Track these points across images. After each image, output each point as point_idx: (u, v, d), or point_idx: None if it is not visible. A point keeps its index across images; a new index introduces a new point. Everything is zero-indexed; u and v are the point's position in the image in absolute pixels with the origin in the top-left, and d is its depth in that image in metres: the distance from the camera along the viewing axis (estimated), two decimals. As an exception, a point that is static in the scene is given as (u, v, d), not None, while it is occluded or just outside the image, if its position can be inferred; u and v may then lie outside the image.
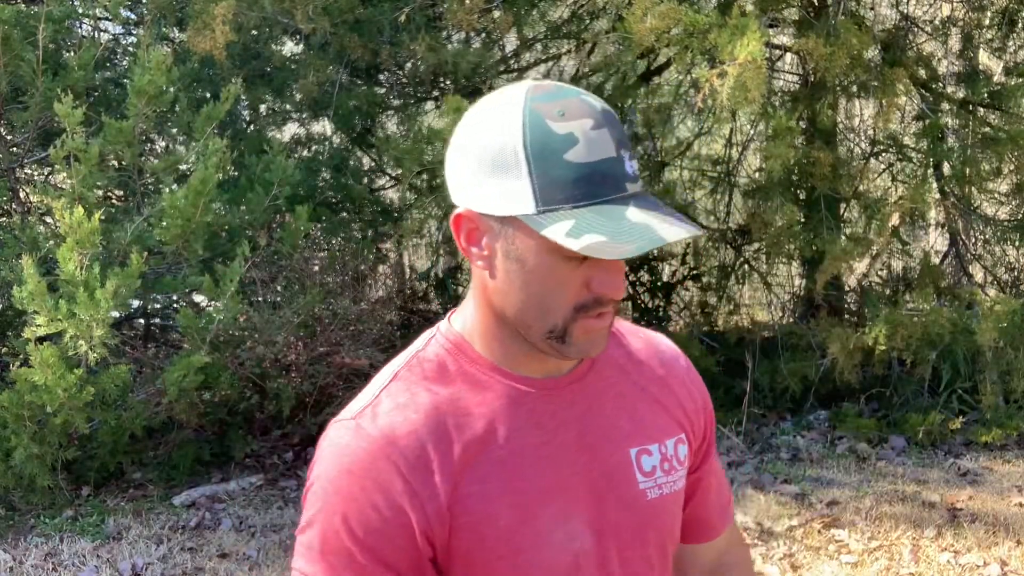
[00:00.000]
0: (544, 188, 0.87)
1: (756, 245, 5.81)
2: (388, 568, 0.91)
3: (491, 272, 0.94)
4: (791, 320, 6.01)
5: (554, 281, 0.91)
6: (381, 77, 5.97)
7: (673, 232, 0.86)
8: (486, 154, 0.90)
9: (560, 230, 0.86)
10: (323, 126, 6.03)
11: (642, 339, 1.12)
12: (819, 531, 3.64)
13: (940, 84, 5.47)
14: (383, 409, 0.96)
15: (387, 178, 6.28)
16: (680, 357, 1.14)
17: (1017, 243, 5.46)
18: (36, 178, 5.09)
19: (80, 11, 5.10)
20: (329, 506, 0.92)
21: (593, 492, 0.99)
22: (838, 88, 5.09)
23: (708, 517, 1.16)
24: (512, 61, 6.12)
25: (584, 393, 1.02)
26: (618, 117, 0.92)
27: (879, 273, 5.93)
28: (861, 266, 5.62)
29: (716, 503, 1.17)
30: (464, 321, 1.01)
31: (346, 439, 0.95)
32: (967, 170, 4.93)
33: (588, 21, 6.10)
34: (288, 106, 5.66)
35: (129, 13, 5.81)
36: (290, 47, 5.85)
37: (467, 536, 0.93)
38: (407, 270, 6.98)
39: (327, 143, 5.94)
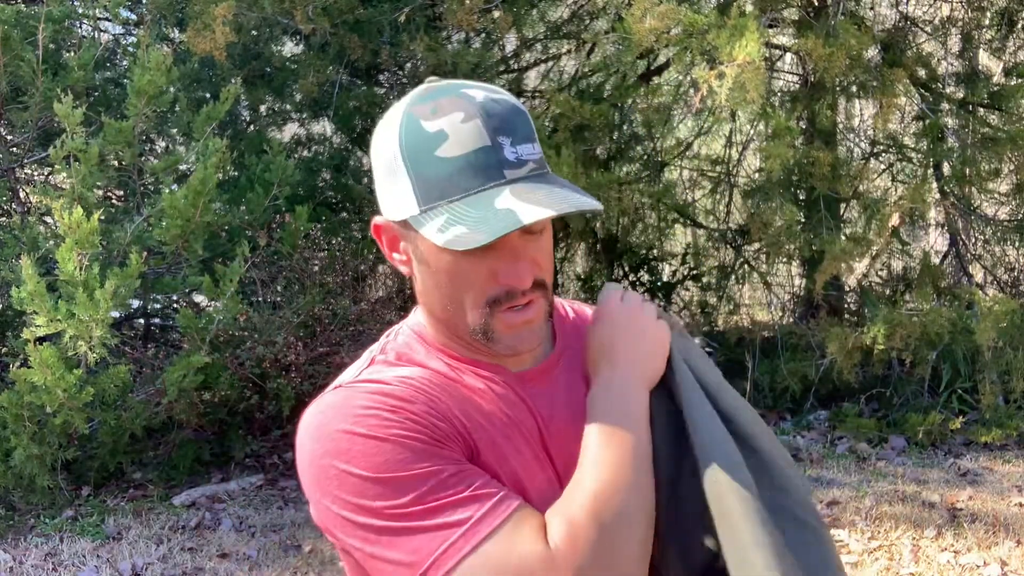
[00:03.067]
0: (422, 188, 0.89)
1: (756, 245, 5.81)
2: (452, 452, 0.90)
3: (412, 276, 0.97)
4: (791, 320, 6.01)
5: (460, 278, 0.91)
6: (381, 77, 5.97)
7: (534, 213, 0.84)
8: (380, 162, 0.93)
9: (434, 227, 0.87)
10: (323, 126, 6.03)
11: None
12: (819, 531, 3.64)
13: (940, 84, 5.47)
14: (375, 374, 0.95)
15: (387, 178, 6.27)
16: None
17: (1017, 243, 5.47)
18: (36, 178, 5.09)
19: (80, 11, 5.10)
20: (367, 443, 0.87)
21: (560, 485, 0.97)
22: (838, 88, 5.09)
23: None
24: (512, 61, 6.12)
25: (550, 385, 1.01)
26: (514, 105, 0.92)
27: (879, 273, 5.93)
28: (861, 266, 5.63)
29: None
30: (422, 322, 1.02)
31: (347, 394, 0.92)
32: (967, 170, 4.93)
33: (588, 21, 6.10)
34: (288, 106, 5.67)
35: (129, 13, 5.82)
36: (290, 47, 5.85)
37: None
38: (407, 270, 6.97)
39: (327, 143, 5.95)
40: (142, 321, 5.34)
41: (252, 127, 5.67)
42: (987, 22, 5.59)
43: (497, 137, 0.88)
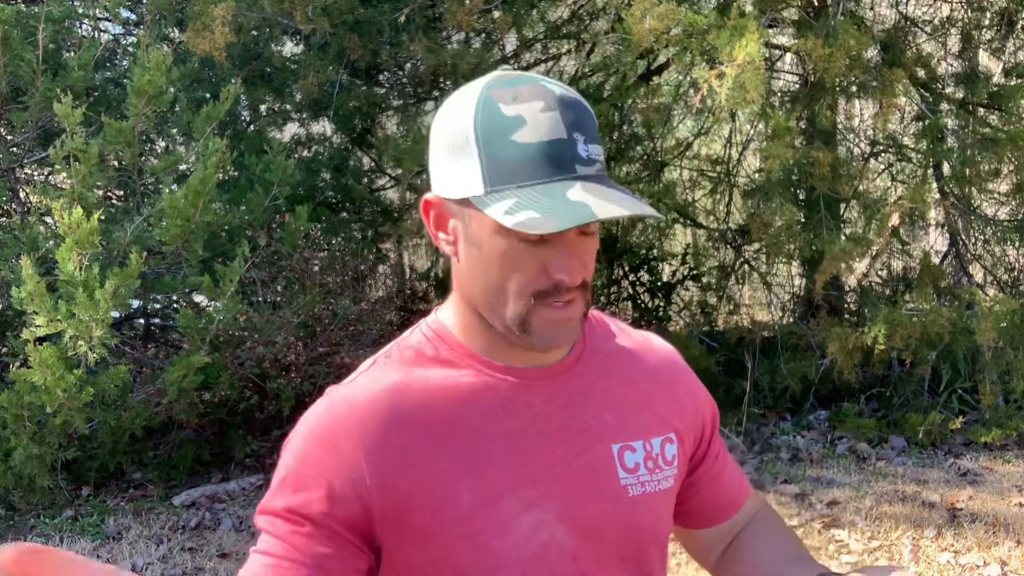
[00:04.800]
0: (492, 169, 0.88)
1: (756, 245, 5.81)
2: (330, 532, 0.93)
3: (457, 257, 0.96)
4: (791, 320, 6.01)
5: (510, 265, 0.91)
6: (381, 77, 5.97)
7: (608, 210, 0.85)
8: (445, 139, 0.92)
9: (501, 208, 0.87)
10: (323, 126, 6.03)
11: (636, 338, 1.12)
12: (819, 531, 3.65)
13: (939, 84, 5.46)
14: (355, 384, 0.99)
15: (387, 178, 6.29)
16: (676, 359, 1.13)
17: (1017, 243, 5.46)
18: (36, 178, 5.10)
19: (80, 11, 5.11)
20: (287, 468, 0.96)
21: (572, 486, 0.98)
22: (837, 88, 5.09)
23: (725, 498, 1.16)
24: (512, 61, 6.12)
25: (568, 386, 1.01)
26: (586, 105, 0.93)
27: (879, 273, 5.93)
28: (861, 266, 5.62)
29: (729, 485, 1.17)
30: (448, 314, 1.03)
31: (316, 408, 0.99)
32: (967, 170, 4.92)
33: (588, 21, 6.10)
34: (288, 106, 5.67)
35: (129, 13, 5.83)
36: (290, 47, 5.85)
37: (426, 513, 0.94)
38: (407, 270, 6.98)
39: (327, 143, 5.95)
40: (142, 321, 5.34)
41: (252, 127, 5.67)
42: (987, 22, 5.58)
43: (572, 132, 0.89)
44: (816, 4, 4.91)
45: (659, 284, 6.19)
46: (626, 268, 6.27)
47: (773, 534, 1.15)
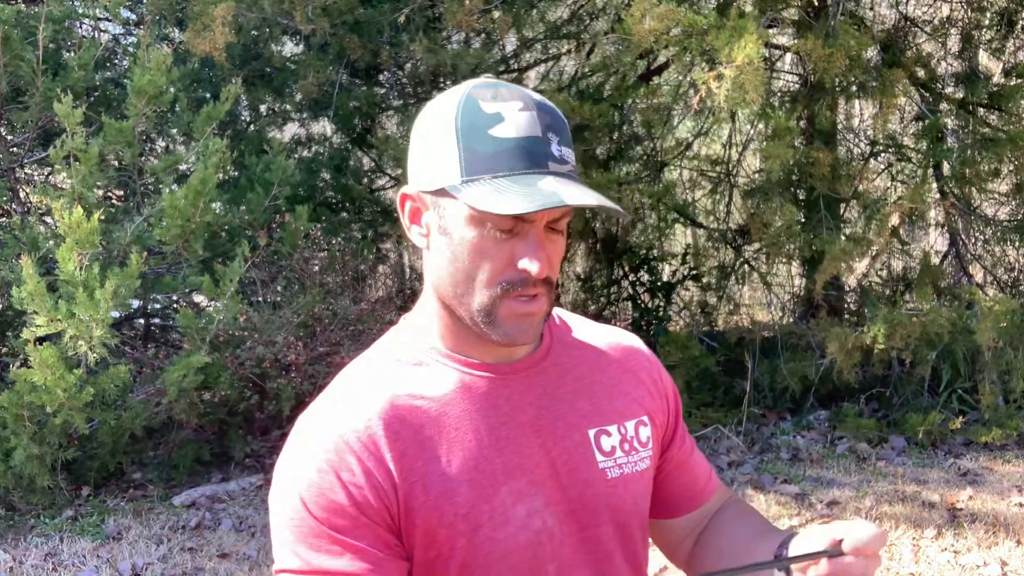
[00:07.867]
0: (469, 160, 0.93)
1: (756, 245, 5.81)
2: (357, 542, 0.95)
3: (429, 248, 1.00)
4: (791, 320, 6.01)
5: (480, 254, 0.95)
6: (381, 77, 5.97)
7: (577, 197, 0.89)
8: (425, 134, 0.99)
9: (475, 193, 0.91)
10: (323, 126, 6.03)
11: (601, 330, 1.17)
12: (819, 531, 3.64)
13: (939, 84, 5.46)
14: (340, 399, 1.01)
15: (387, 178, 6.29)
16: (642, 347, 1.18)
17: (1017, 243, 5.46)
18: (36, 178, 5.10)
19: (80, 11, 5.11)
20: (291, 494, 0.97)
21: (553, 473, 1.02)
22: (837, 88, 5.09)
23: (694, 487, 1.20)
24: (512, 61, 6.12)
25: (540, 378, 1.05)
26: (561, 114, 0.98)
27: (879, 273, 5.93)
28: (861, 266, 5.62)
29: (698, 474, 1.21)
30: (420, 316, 1.06)
31: (305, 430, 1.01)
32: (967, 170, 4.92)
33: (587, 22, 6.10)
34: (288, 106, 5.67)
35: (129, 13, 5.83)
36: (290, 47, 5.85)
37: (427, 513, 0.96)
38: (407, 270, 6.98)
39: (327, 143, 5.95)
40: (142, 321, 5.34)
41: (252, 127, 5.67)
42: (987, 22, 5.58)
43: (547, 132, 0.94)
44: (816, 4, 4.90)
45: (659, 284, 6.19)
46: (626, 268, 6.27)
47: (741, 518, 1.19)
